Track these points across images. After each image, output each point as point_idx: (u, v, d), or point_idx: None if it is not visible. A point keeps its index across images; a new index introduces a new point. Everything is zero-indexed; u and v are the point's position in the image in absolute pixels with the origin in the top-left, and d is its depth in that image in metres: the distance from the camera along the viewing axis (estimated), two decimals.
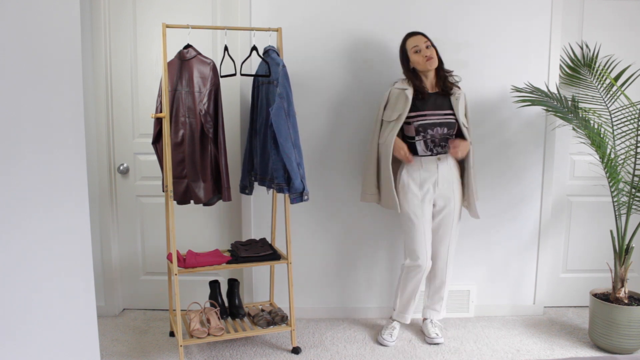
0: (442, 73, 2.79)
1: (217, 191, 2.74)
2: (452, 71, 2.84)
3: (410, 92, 2.72)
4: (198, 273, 3.05)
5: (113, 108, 3.17)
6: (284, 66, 2.58)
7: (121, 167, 3.20)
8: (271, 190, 2.87)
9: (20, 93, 1.38)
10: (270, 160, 2.63)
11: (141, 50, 3.14)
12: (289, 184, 2.59)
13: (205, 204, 2.78)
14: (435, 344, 2.86)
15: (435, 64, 2.72)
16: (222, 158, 2.66)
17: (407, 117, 2.73)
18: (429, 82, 2.78)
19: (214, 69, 2.60)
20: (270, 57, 2.68)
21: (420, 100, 2.74)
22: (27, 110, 1.41)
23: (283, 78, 2.56)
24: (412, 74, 2.76)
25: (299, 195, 2.61)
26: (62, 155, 1.60)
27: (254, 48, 2.72)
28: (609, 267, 2.90)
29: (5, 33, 1.31)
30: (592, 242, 3.38)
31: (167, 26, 2.51)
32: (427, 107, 2.74)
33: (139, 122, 3.19)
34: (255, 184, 2.93)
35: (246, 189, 2.95)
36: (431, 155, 2.76)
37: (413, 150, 2.77)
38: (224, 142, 2.66)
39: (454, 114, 2.75)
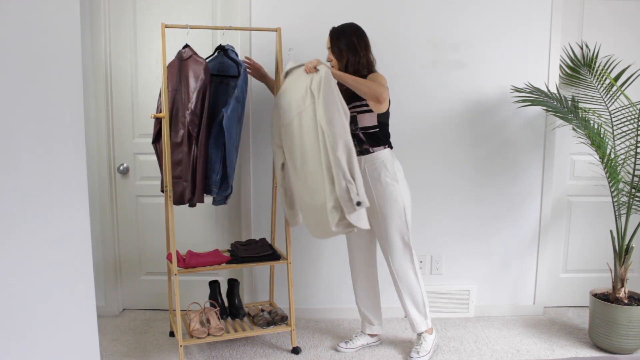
0: (350, 71, 2.56)
1: (206, 192, 2.73)
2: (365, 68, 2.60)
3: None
4: (198, 273, 3.05)
5: (113, 108, 3.17)
6: (245, 69, 2.59)
7: (121, 167, 3.20)
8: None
9: (20, 93, 1.38)
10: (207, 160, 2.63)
11: (141, 50, 3.14)
12: (219, 187, 2.64)
13: (189, 205, 2.73)
14: None
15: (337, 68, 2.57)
16: (201, 159, 2.59)
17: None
18: None
19: (205, 68, 2.57)
20: (231, 56, 2.67)
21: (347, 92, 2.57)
22: (27, 111, 1.41)
23: (243, 81, 2.56)
24: None
25: (223, 198, 2.71)
26: (62, 155, 1.60)
27: (220, 47, 2.73)
28: (609, 267, 2.90)
29: (5, 33, 1.31)
30: (592, 242, 3.38)
31: (167, 26, 2.51)
32: (350, 99, 2.57)
33: (139, 122, 3.19)
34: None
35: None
36: (358, 154, 2.60)
37: None
38: (206, 142, 2.59)
39: (355, 105, 2.56)
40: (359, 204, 2.26)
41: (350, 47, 2.58)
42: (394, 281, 2.70)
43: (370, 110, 2.56)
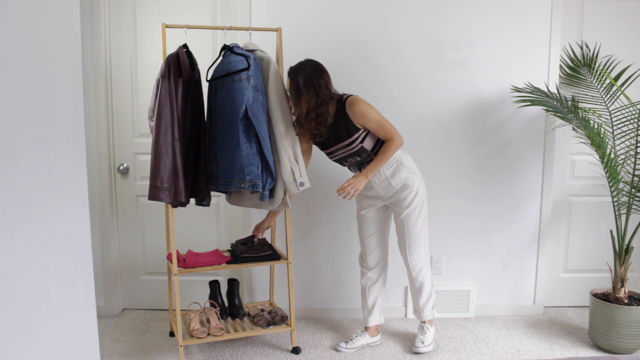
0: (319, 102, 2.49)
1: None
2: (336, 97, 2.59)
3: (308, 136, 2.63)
4: (198, 273, 3.05)
5: (113, 108, 3.17)
6: (255, 59, 2.51)
7: (121, 167, 3.20)
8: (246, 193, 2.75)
9: (20, 93, 1.38)
10: (239, 157, 2.47)
11: (141, 50, 3.14)
12: (264, 181, 2.50)
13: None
14: (416, 353, 2.75)
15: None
16: (151, 155, 2.49)
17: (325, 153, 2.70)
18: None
19: (166, 64, 2.49)
20: (237, 51, 2.60)
21: (322, 138, 2.60)
22: (27, 110, 1.41)
23: (255, 70, 2.47)
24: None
25: (268, 193, 2.55)
26: (62, 155, 1.60)
27: (225, 47, 2.65)
28: (609, 267, 2.90)
29: (6, 33, 1.31)
30: (592, 242, 3.38)
31: (167, 26, 2.51)
32: (330, 143, 2.61)
33: (139, 122, 3.19)
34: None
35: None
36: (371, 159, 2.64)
37: None
38: (155, 139, 2.46)
39: (355, 139, 2.55)
40: (301, 184, 2.51)
41: (309, 89, 2.48)
42: (408, 273, 2.76)
43: (367, 133, 2.55)
